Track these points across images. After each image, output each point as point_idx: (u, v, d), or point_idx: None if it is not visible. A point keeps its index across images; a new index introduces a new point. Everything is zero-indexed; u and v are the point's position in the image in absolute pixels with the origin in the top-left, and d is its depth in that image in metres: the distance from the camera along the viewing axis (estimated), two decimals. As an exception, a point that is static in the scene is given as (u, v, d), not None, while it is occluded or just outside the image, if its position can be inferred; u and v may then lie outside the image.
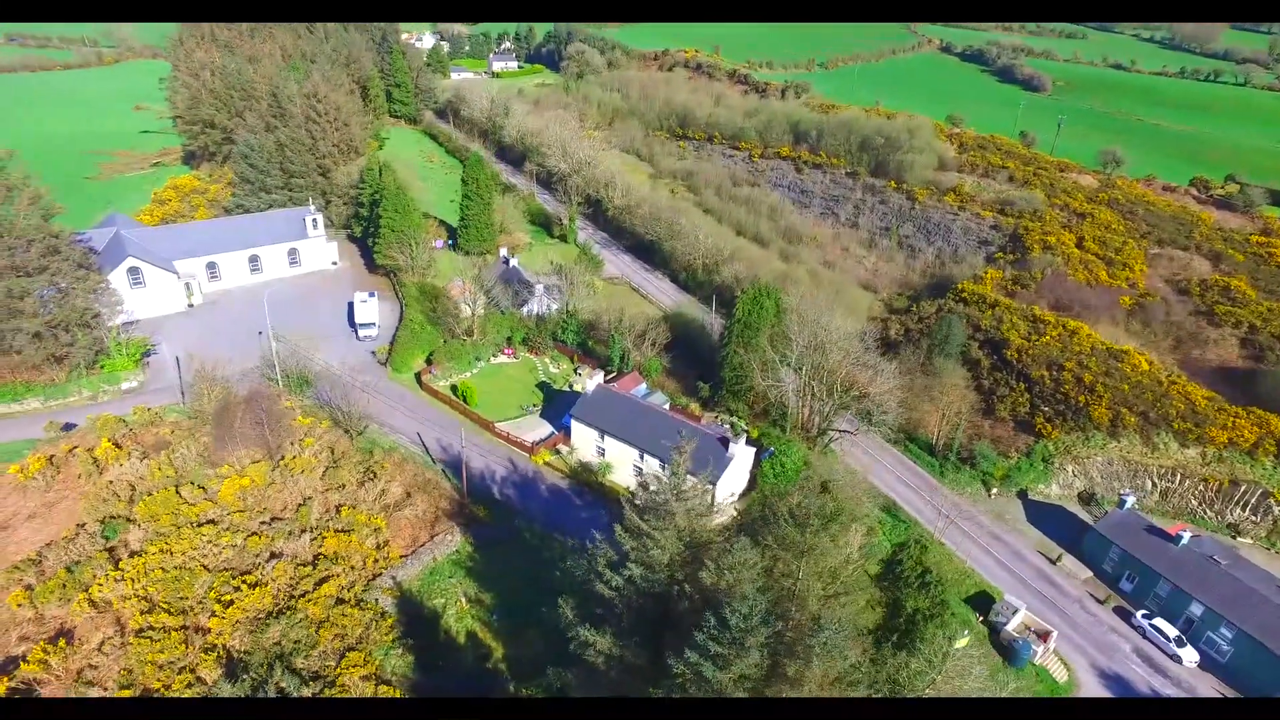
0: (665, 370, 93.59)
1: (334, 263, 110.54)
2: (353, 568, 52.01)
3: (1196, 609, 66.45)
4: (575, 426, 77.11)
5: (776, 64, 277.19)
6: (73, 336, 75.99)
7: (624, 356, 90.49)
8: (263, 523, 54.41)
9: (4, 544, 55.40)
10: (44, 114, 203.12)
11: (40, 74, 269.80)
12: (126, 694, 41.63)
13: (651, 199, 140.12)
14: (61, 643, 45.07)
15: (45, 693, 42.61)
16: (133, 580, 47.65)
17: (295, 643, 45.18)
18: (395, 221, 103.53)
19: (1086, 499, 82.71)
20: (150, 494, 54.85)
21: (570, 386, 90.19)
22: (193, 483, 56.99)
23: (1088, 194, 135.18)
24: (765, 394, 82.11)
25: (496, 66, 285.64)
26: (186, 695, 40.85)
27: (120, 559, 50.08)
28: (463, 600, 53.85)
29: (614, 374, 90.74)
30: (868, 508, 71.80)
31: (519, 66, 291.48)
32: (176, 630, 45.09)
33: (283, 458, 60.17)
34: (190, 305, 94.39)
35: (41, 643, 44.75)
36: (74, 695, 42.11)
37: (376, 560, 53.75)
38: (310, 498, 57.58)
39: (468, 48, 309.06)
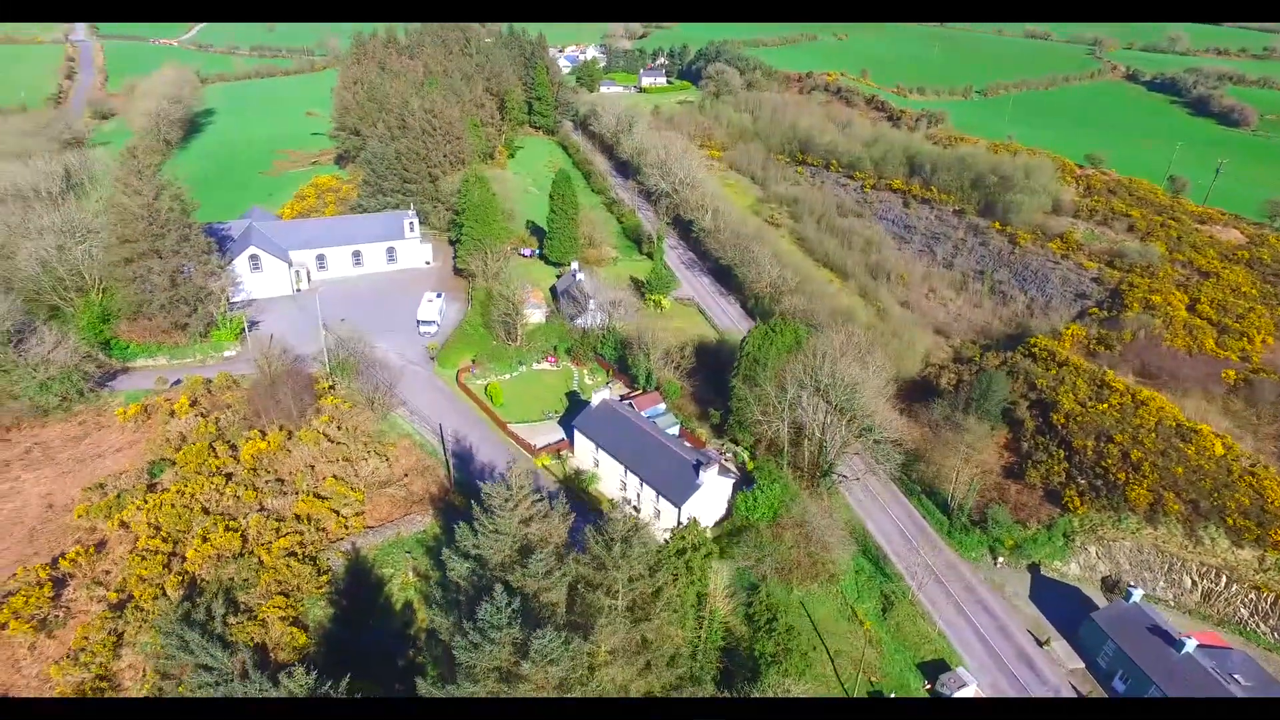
0: (691, 393, 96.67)
1: (427, 262, 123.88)
2: (319, 529, 61.28)
3: (1189, 726, 60.13)
4: (577, 436, 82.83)
5: (929, 90, 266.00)
6: (191, 309, 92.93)
7: (649, 375, 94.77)
8: (267, 482, 65.25)
9: (94, 468, 70.50)
10: (263, 114, 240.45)
11: (267, 80, 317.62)
12: (114, 596, 53.20)
13: (735, 223, 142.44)
14: (91, 549, 57.91)
15: (71, 585, 55.26)
16: (149, 510, 59.87)
17: (244, 580, 54.93)
18: (475, 230, 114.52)
19: (1111, 585, 76.21)
20: (191, 445, 67.61)
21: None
22: (225, 440, 69.32)
23: (1224, 250, 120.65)
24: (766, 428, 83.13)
25: (645, 82, 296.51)
26: (150, 606, 51.56)
27: (153, 493, 62.77)
28: (409, 574, 61.38)
29: (639, 391, 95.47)
30: (837, 553, 71.27)
31: (668, 82, 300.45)
32: (163, 555, 56.36)
33: (303, 429, 71.22)
34: (297, 290, 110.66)
35: (79, 547, 57.79)
36: (89, 591, 54.23)
37: (346, 526, 62.80)
38: (313, 466, 67.92)
39: (622, 63, 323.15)
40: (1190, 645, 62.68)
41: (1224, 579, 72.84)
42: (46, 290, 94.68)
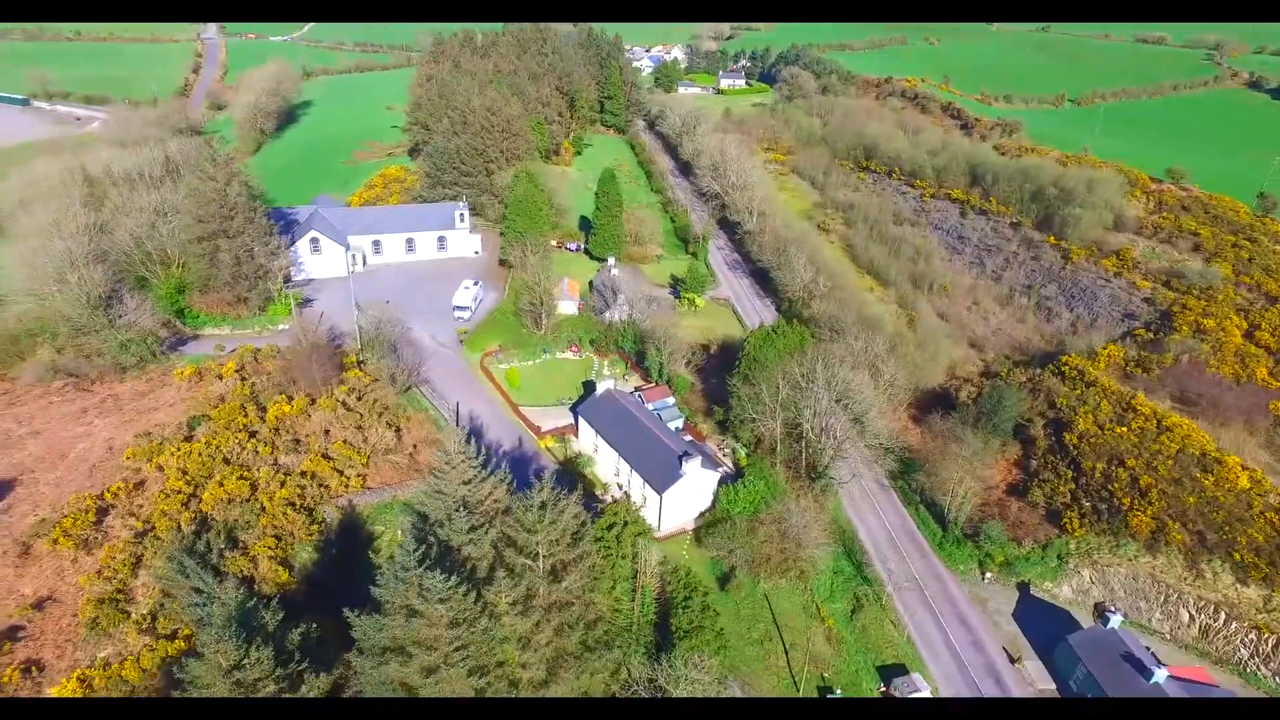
0: (703, 390, 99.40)
1: (476, 252, 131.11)
2: (321, 486, 68.14)
3: (1153, 758, 58.74)
4: (580, 422, 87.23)
5: (1017, 98, 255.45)
6: (252, 285, 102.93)
7: (661, 369, 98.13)
8: (285, 441, 72.72)
9: (149, 419, 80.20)
10: (354, 106, 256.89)
11: (365, 74, 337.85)
12: (139, 526, 61.51)
13: (779, 227, 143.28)
14: (131, 486, 66.84)
15: (111, 514, 64.08)
16: (180, 457, 68.42)
17: (245, 522, 62.19)
18: (519, 224, 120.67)
19: (1103, 611, 74.20)
20: (226, 405, 76.23)
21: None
22: (255, 402, 77.61)
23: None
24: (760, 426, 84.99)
25: (724, 84, 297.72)
26: (165, 536, 59.43)
27: (187, 443, 71.52)
28: (399, 532, 67.17)
29: (653, 384, 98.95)
30: (812, 552, 72.55)
31: (746, 84, 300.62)
32: (184, 495, 64.45)
33: (322, 396, 78.71)
34: (351, 272, 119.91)
35: (122, 483, 66.82)
36: (123, 520, 62.83)
37: (347, 485, 69.51)
38: (328, 431, 75.14)
39: (704, 64, 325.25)
40: (1160, 675, 61.00)
41: (1223, 616, 69.88)
42: (137, 263, 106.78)
